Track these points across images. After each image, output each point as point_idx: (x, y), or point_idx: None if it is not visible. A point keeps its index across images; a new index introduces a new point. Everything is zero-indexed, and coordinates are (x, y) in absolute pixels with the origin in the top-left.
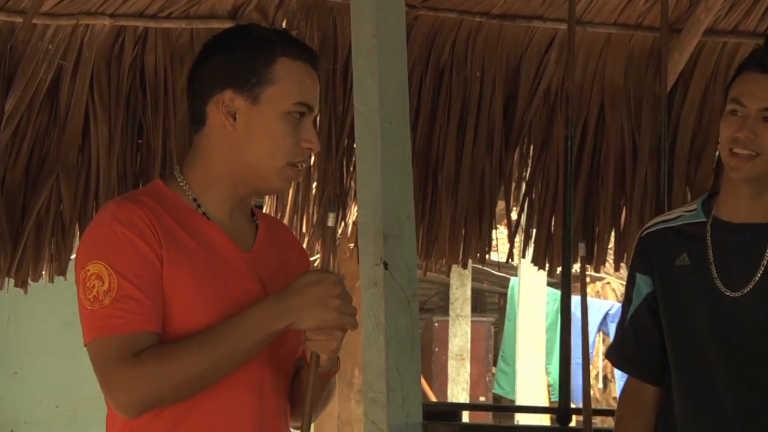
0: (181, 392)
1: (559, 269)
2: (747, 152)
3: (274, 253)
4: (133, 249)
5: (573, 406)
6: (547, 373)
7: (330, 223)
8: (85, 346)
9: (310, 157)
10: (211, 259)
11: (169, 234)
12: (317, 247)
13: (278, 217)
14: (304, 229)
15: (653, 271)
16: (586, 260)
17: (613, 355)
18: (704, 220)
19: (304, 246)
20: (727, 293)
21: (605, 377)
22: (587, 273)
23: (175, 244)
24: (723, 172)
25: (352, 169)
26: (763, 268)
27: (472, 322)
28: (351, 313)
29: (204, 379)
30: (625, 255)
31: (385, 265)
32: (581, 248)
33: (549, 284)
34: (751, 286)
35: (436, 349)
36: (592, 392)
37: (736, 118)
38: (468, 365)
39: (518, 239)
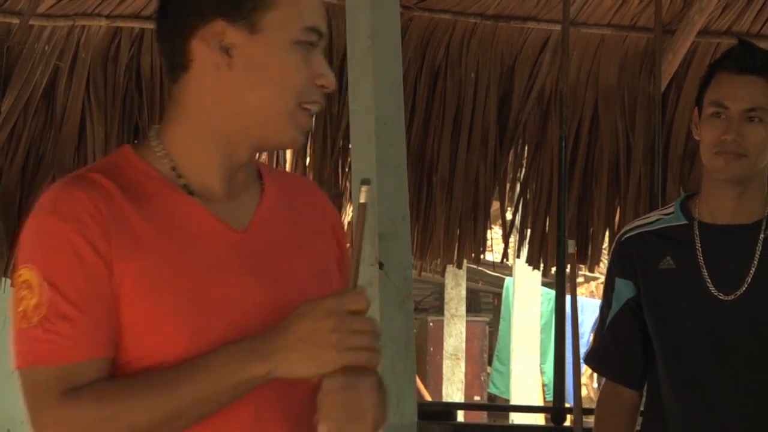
0: None
1: (553, 269)
2: (733, 152)
3: (284, 225)
4: (72, 252)
5: (567, 405)
6: (542, 373)
7: (363, 198)
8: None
9: (323, 100)
10: (180, 250)
11: (123, 223)
12: None
13: None
14: None
15: (636, 276)
16: (578, 259)
17: (594, 360)
18: (685, 222)
19: None
20: (720, 297)
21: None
22: (582, 273)
23: (129, 236)
24: (705, 174)
25: (347, 169)
26: (754, 270)
27: (466, 321)
28: (360, 347)
29: (155, 430)
30: None
31: (381, 265)
32: (570, 245)
33: (543, 284)
34: (743, 289)
35: (431, 349)
36: (586, 391)
37: (720, 120)
38: (463, 365)
39: (513, 239)
